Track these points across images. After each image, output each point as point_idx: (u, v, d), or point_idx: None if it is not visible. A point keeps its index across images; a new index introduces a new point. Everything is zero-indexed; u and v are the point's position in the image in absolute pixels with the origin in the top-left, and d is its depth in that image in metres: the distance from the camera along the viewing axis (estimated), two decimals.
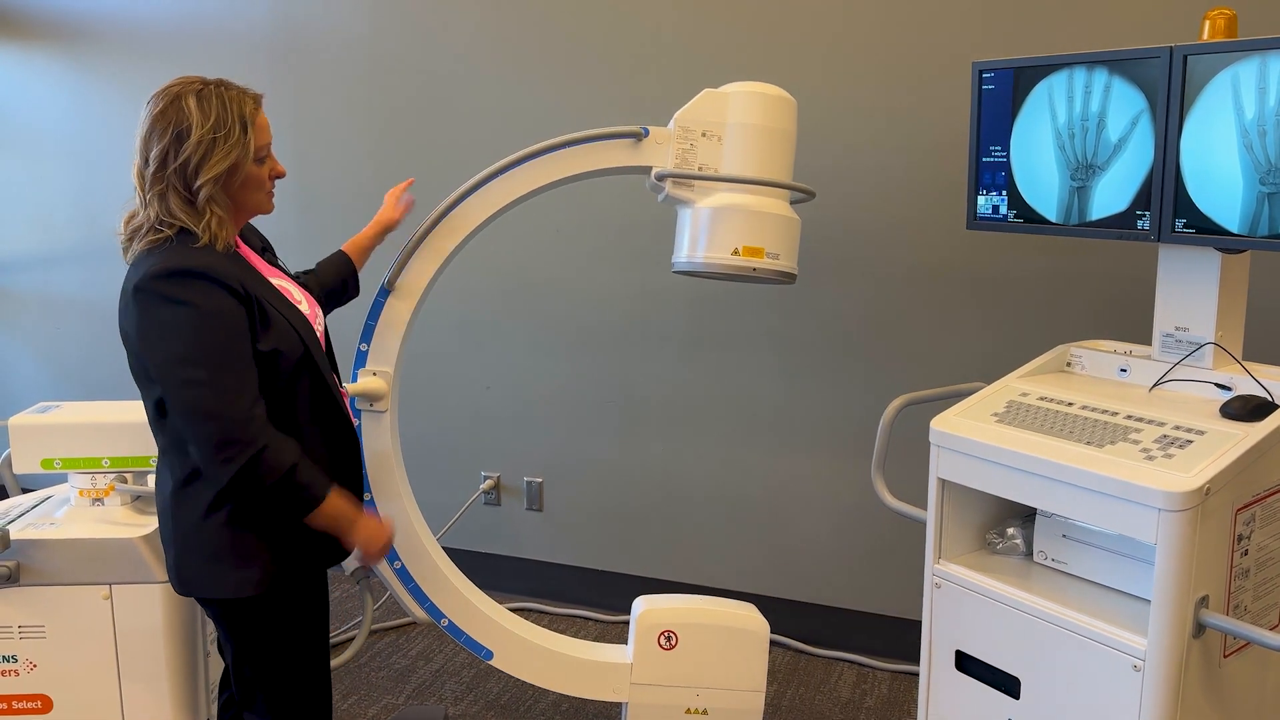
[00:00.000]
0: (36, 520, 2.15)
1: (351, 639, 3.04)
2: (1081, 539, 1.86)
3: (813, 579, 3.02)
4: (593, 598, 3.29)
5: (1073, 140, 1.94)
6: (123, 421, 2.16)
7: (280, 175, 1.78)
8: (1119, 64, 1.85)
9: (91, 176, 3.65)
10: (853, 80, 2.74)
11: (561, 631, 3.15)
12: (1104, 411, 1.83)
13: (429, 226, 2.28)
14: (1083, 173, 1.93)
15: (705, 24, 2.86)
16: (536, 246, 3.15)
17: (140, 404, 2.26)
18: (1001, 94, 2.04)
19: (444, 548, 3.39)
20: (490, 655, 2.25)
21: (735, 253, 2.17)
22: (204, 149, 1.63)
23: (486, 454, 3.33)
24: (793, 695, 2.81)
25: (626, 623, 3.17)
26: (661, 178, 2.22)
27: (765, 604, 3.06)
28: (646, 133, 2.24)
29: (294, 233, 3.42)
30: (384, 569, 2.21)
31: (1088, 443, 1.74)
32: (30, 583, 2.07)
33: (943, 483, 1.94)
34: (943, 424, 1.92)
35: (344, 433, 1.81)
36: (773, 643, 3.05)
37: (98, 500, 2.18)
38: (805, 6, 2.76)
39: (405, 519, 2.22)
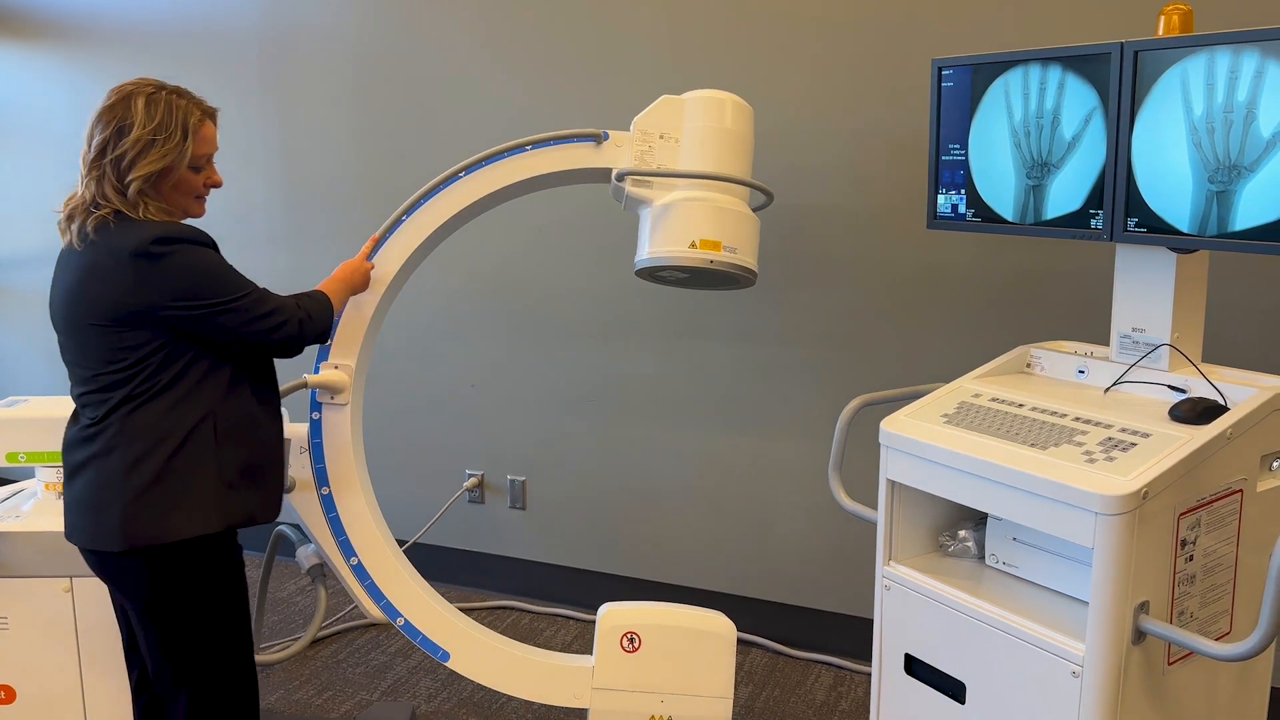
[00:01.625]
0: (2, 513, 2.18)
1: (337, 633, 3.08)
2: (1031, 542, 1.84)
3: (792, 580, 3.00)
4: (575, 596, 3.29)
5: (1028, 138, 1.91)
6: None
7: (216, 185, 1.88)
8: (1072, 60, 1.82)
9: None
10: (815, 81, 2.72)
11: (541, 631, 3.16)
12: (1053, 413, 1.80)
13: (392, 223, 2.29)
14: (1038, 171, 1.90)
15: (685, 33, 2.85)
16: (519, 245, 3.16)
17: None
18: (960, 91, 2.02)
19: (427, 545, 3.44)
20: (447, 656, 2.26)
21: (693, 245, 2.18)
22: (140, 148, 1.72)
23: (470, 452, 3.34)
24: (767, 697, 2.79)
25: None
26: (621, 176, 2.23)
27: (745, 605, 3.05)
28: (606, 136, 2.26)
29: (281, 229, 3.46)
30: (339, 565, 2.22)
31: (1031, 444, 1.71)
32: None
33: (892, 484, 1.92)
34: (892, 424, 1.90)
35: (278, 413, 1.97)
36: (751, 644, 3.04)
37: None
38: (769, 9, 2.74)
39: (363, 515, 2.23)
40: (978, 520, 1.99)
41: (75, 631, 2.13)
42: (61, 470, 2.20)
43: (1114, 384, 1.90)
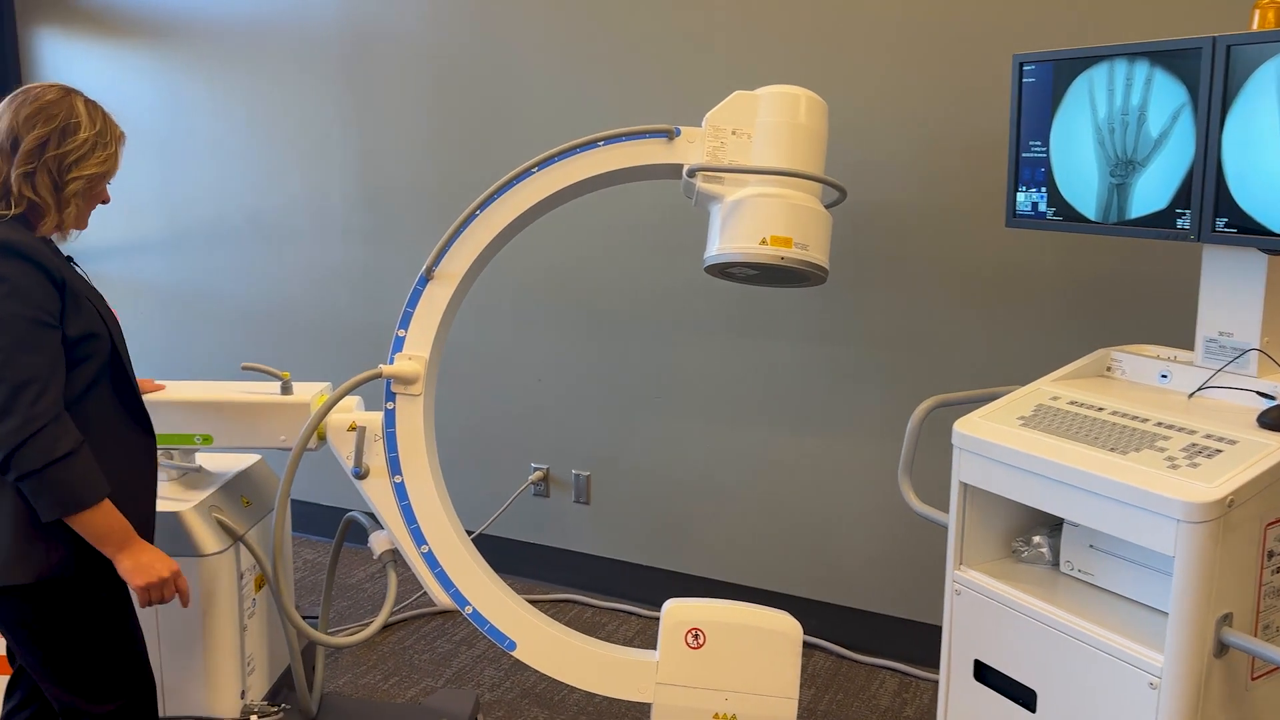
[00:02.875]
0: None
1: (404, 620, 3.13)
2: (1109, 550, 1.79)
3: (857, 583, 2.97)
4: (637, 593, 3.30)
5: (1112, 135, 1.86)
6: (171, 400, 2.26)
7: (106, 202, 1.85)
8: (1160, 55, 1.77)
9: (173, 168, 3.81)
10: (891, 76, 2.69)
11: (603, 625, 3.17)
12: (1134, 418, 1.75)
13: (467, 216, 2.32)
14: (1122, 169, 1.85)
15: (759, 29, 2.84)
16: (588, 242, 3.18)
17: (187, 385, 2.37)
18: (1042, 87, 1.98)
19: (492, 536, 3.47)
20: (513, 646, 2.27)
21: (763, 242, 2.16)
22: (87, 148, 1.71)
23: (537, 446, 3.37)
24: (830, 700, 2.77)
25: None
26: (692, 172, 2.23)
27: (808, 607, 3.03)
28: (679, 132, 2.26)
29: (358, 226, 3.52)
30: (410, 552, 2.26)
31: (1111, 449, 1.67)
32: None
33: (965, 487, 1.89)
34: (966, 426, 1.87)
35: (143, 438, 1.79)
36: (814, 647, 3.01)
37: None
38: (844, 3, 2.71)
39: (433, 503, 2.26)
40: (1052, 526, 1.95)
41: (155, 610, 2.19)
42: None
43: (1199, 389, 1.84)
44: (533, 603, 3.29)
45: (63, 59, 3.92)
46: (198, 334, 3.90)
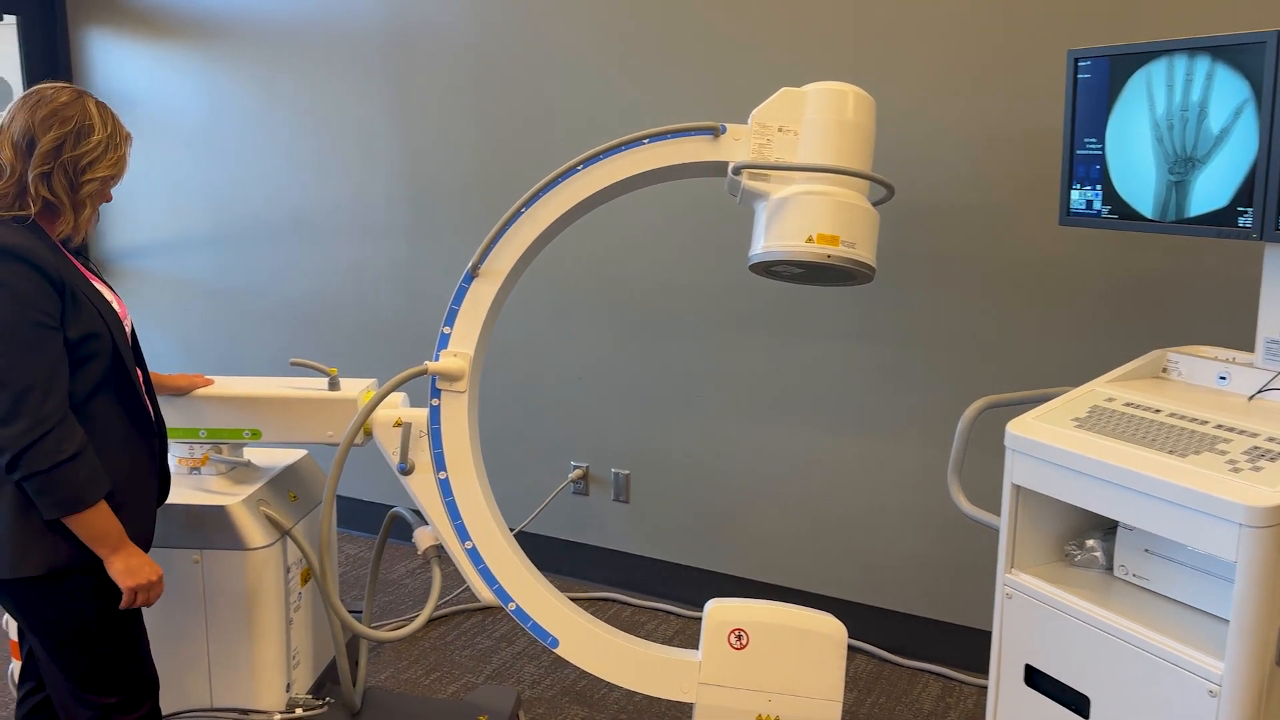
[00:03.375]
0: None
1: (445, 616, 3.14)
2: (1164, 554, 1.76)
3: (899, 585, 2.94)
4: (675, 592, 3.29)
5: (1171, 132, 1.82)
6: (219, 395, 2.28)
7: (109, 201, 1.84)
8: (1222, 50, 1.73)
9: (220, 167, 3.85)
10: (941, 73, 2.66)
11: (642, 624, 3.16)
12: (1193, 420, 1.72)
13: (513, 214, 2.32)
14: (1181, 166, 1.82)
15: (805, 24, 2.82)
16: (630, 240, 3.17)
17: (237, 380, 2.40)
18: (1098, 83, 1.94)
19: (532, 534, 3.48)
20: (556, 643, 2.27)
21: (809, 240, 2.14)
22: (100, 150, 1.72)
23: (576, 444, 3.37)
24: (872, 704, 2.74)
25: None
26: (738, 170, 2.21)
27: (850, 609, 3.01)
28: (724, 129, 2.25)
29: (404, 222, 3.54)
30: (455, 548, 2.26)
31: (1170, 452, 1.64)
32: None
33: (1017, 489, 1.86)
34: (1019, 427, 1.84)
35: (145, 438, 1.80)
36: (856, 650, 2.99)
37: (195, 469, 2.30)
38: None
39: (477, 500, 2.27)
40: (1106, 529, 1.92)
41: (204, 601, 2.21)
42: (194, 446, 2.31)
43: (1259, 391, 1.80)
44: (574, 600, 3.29)
45: (113, 58, 3.98)
46: (243, 330, 3.94)
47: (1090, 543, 1.88)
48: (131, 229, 4.10)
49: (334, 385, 2.31)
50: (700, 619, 3.17)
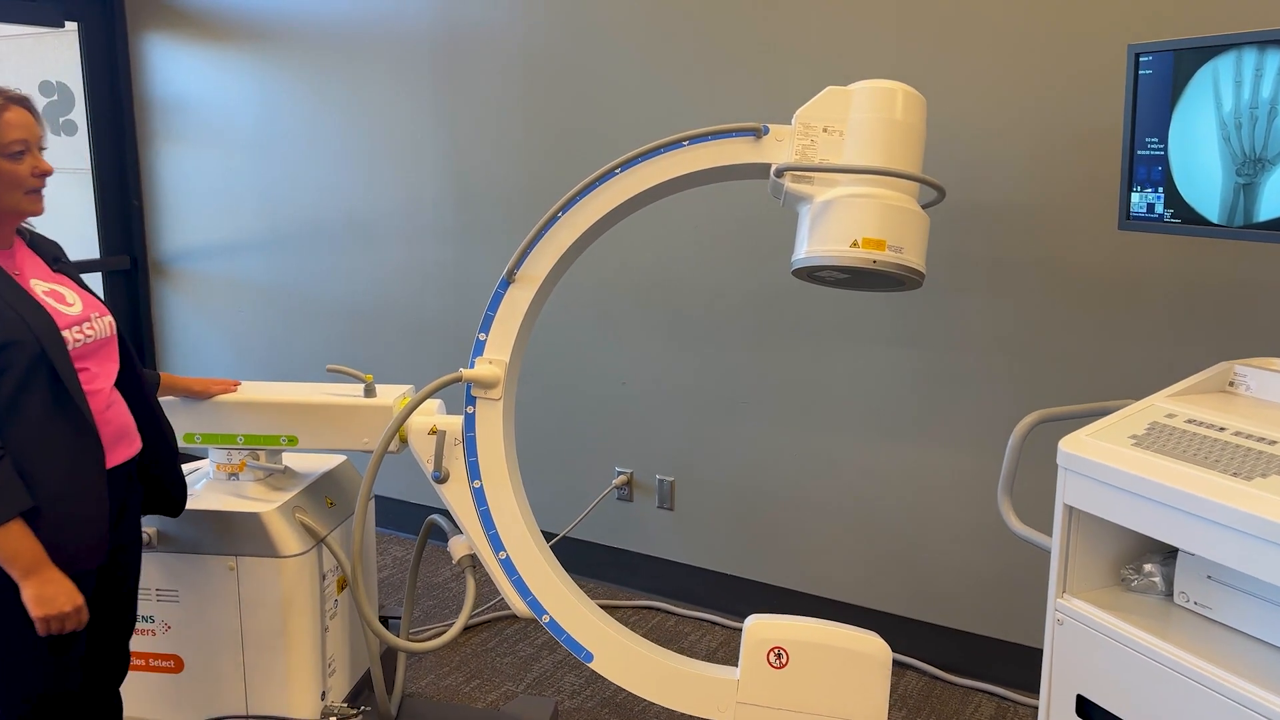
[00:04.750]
0: None
1: (487, 622, 3.12)
2: (1229, 582, 1.65)
3: (951, 601, 2.84)
4: (720, 602, 3.22)
5: (1239, 131, 1.71)
6: (258, 401, 2.28)
7: (46, 173, 1.71)
8: None
9: (272, 169, 3.88)
10: (995, 68, 2.55)
11: (685, 635, 3.10)
12: (1261, 439, 1.61)
13: (550, 218, 2.28)
14: (1250, 168, 1.70)
15: (852, 20, 2.73)
16: (675, 243, 3.11)
17: (274, 386, 2.39)
18: (1160, 80, 1.83)
19: (575, 540, 3.44)
20: (590, 657, 2.23)
21: (854, 245, 2.06)
22: None
23: (621, 449, 3.32)
24: None
25: None
26: (780, 172, 2.14)
27: (900, 625, 2.91)
28: (766, 130, 2.18)
29: (450, 224, 3.53)
30: (488, 558, 2.23)
31: (1234, 474, 1.53)
32: (166, 549, 2.21)
33: (1070, 510, 1.76)
34: (1072, 445, 1.75)
35: (89, 450, 1.69)
36: (907, 666, 2.89)
37: (233, 475, 2.31)
38: None
39: (512, 510, 2.23)
40: (1166, 553, 1.81)
41: (239, 608, 2.21)
42: (232, 452, 2.31)
43: None
44: (614, 609, 3.25)
45: (171, 62, 4.03)
46: (293, 331, 3.97)
47: (1148, 567, 1.78)
48: (188, 231, 4.15)
49: (370, 392, 2.29)
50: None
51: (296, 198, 3.86)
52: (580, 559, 3.45)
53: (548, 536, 3.51)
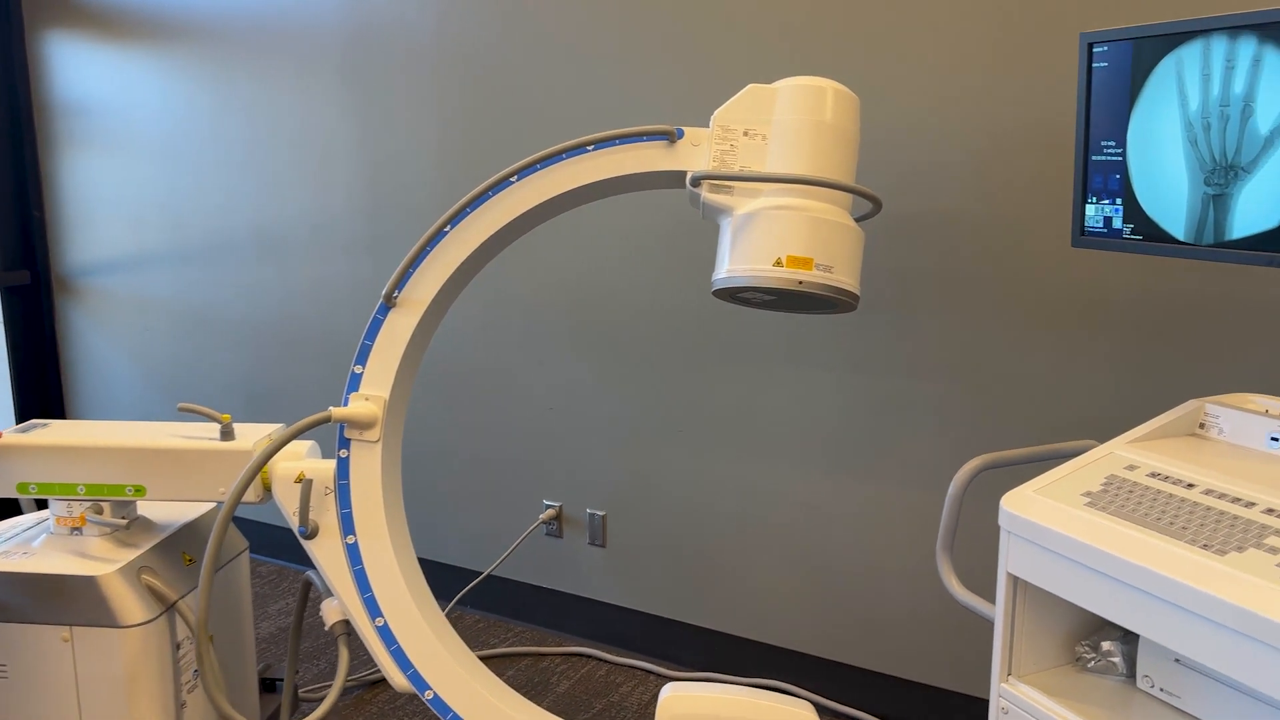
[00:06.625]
0: (12, 548, 2.00)
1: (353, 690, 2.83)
2: (1199, 666, 1.39)
3: (905, 649, 2.58)
4: (656, 647, 2.95)
5: (1208, 133, 1.46)
6: (104, 445, 1.99)
7: None
8: (1273, 30, 1.36)
9: (178, 178, 3.59)
10: (938, 63, 2.29)
11: (618, 686, 2.83)
12: (1234, 500, 1.35)
13: (435, 233, 2.01)
14: (1221, 176, 1.45)
15: (780, 16, 2.47)
16: (603, 256, 2.84)
17: (121, 427, 2.11)
18: (1118, 73, 1.58)
19: (502, 579, 3.16)
20: None
21: (778, 263, 1.81)
22: None
23: (549, 481, 3.05)
24: None
25: (690, 679, 2.82)
26: (696, 181, 1.89)
27: (850, 675, 2.65)
28: (681, 133, 1.93)
29: (364, 237, 3.25)
30: (363, 625, 1.95)
31: (1204, 546, 1.27)
32: None
33: (1014, 579, 1.50)
34: (1016, 504, 1.49)
35: None
36: None
37: (75, 529, 2.02)
38: None
39: (391, 570, 1.96)
40: (1127, 629, 1.55)
41: (76, 686, 1.93)
42: (72, 504, 2.02)
43: None
44: (541, 657, 2.98)
45: (72, 63, 3.74)
46: (204, 353, 3.68)
47: (1107, 645, 1.52)
48: (93, 244, 3.86)
49: (227, 434, 2.01)
50: (682, 679, 2.83)
51: (203, 208, 3.57)
52: (506, 600, 3.18)
53: (471, 575, 3.23)
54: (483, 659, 2.97)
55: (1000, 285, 2.31)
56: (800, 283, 1.83)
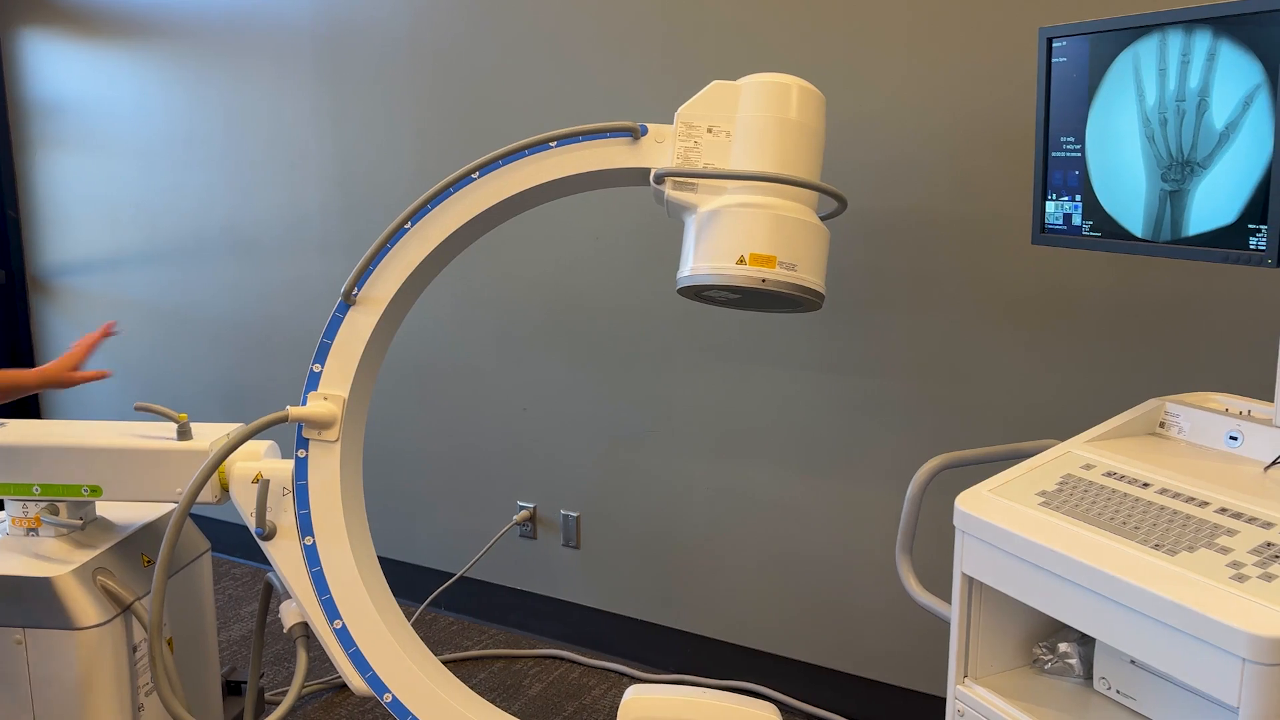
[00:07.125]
0: None
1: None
2: (1155, 668, 1.37)
3: (878, 652, 2.56)
4: (629, 649, 2.93)
5: (1164, 128, 1.44)
6: (59, 445, 1.97)
7: None
8: (1228, 23, 1.34)
9: (153, 178, 3.57)
10: (903, 60, 2.27)
11: (590, 688, 2.81)
12: (1190, 500, 1.33)
13: (395, 230, 1.98)
14: (1177, 172, 1.43)
15: (749, 13, 2.45)
16: (577, 255, 2.82)
17: (74, 425, 2.08)
18: (1076, 69, 1.56)
19: (476, 580, 3.14)
20: None
21: (741, 261, 1.80)
22: None
23: (523, 482, 3.03)
24: None
25: (664, 681, 2.80)
26: (660, 178, 1.87)
27: (824, 677, 2.63)
28: (645, 130, 1.91)
29: (339, 236, 3.23)
30: (321, 627, 1.93)
31: (1156, 546, 1.25)
32: None
33: (969, 580, 1.48)
34: (970, 503, 1.47)
35: None
36: None
37: (30, 530, 2.00)
38: None
39: (350, 571, 1.93)
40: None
41: (29, 689, 1.90)
42: (27, 504, 2.00)
43: (1277, 460, 1.41)
44: (515, 660, 2.95)
45: (47, 61, 3.71)
46: (178, 354, 3.65)
47: (1064, 646, 1.50)
48: (69, 243, 3.83)
49: (184, 434, 1.98)
50: (655, 681, 2.81)
51: (179, 208, 3.54)
52: (480, 602, 3.16)
53: (444, 576, 3.21)
54: (455, 662, 2.95)
55: (970, 284, 2.29)
56: (763, 281, 1.81)
